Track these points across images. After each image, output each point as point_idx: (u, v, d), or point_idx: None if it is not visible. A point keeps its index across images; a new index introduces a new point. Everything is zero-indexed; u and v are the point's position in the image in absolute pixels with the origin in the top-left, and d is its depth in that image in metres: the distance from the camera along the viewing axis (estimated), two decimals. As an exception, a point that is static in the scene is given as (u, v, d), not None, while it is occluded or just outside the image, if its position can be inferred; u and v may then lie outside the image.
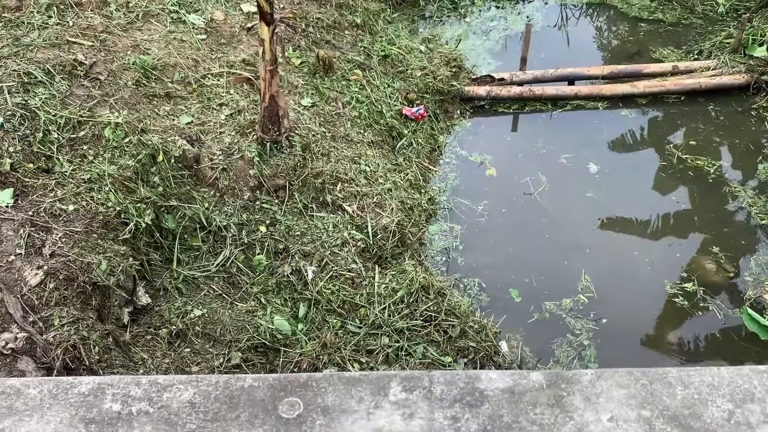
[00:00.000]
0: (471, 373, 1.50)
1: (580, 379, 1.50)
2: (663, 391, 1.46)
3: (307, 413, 1.43)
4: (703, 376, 1.51)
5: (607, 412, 1.42)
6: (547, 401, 1.44)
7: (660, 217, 5.82)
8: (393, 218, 5.20)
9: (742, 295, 5.17)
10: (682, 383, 1.49)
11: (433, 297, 4.80)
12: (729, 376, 1.51)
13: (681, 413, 1.42)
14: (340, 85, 6.12)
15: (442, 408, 1.43)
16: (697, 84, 7.11)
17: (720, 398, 1.46)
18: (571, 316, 5.05)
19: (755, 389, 1.47)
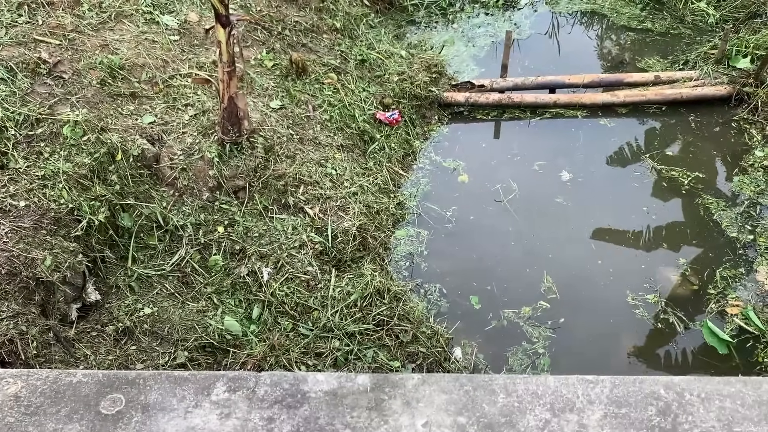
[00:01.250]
0: (299, 375, 1.49)
1: (405, 384, 1.49)
2: (485, 398, 1.45)
3: (126, 410, 1.44)
4: (528, 384, 1.49)
5: (423, 417, 1.41)
6: (367, 404, 1.43)
7: (628, 227, 5.76)
8: (355, 222, 5.20)
9: (704, 308, 5.10)
10: (505, 391, 1.48)
11: (388, 301, 4.79)
12: (554, 385, 1.49)
13: (497, 421, 1.41)
14: (313, 89, 6.15)
15: (261, 409, 1.43)
16: (678, 94, 7.05)
17: (540, 407, 1.44)
18: (529, 324, 5.02)
19: (577, 399, 1.45)
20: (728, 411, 1.43)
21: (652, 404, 1.45)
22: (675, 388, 1.49)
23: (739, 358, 4.77)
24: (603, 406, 1.44)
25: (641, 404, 1.45)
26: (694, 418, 1.42)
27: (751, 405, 1.44)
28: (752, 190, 6.05)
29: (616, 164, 6.45)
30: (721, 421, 1.41)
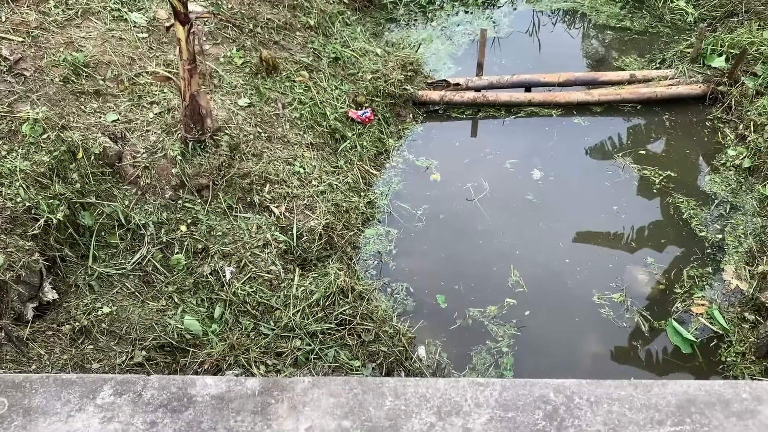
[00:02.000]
0: (188, 379, 1.48)
1: (294, 387, 1.47)
2: (373, 402, 1.43)
3: (8, 414, 1.42)
4: (418, 387, 1.47)
5: (308, 421, 1.39)
6: (253, 408, 1.42)
7: (598, 226, 5.75)
8: (321, 221, 5.17)
9: (670, 307, 5.09)
10: (395, 394, 1.46)
11: (352, 301, 4.77)
12: (444, 388, 1.47)
13: (381, 425, 1.39)
14: (284, 86, 6.12)
15: (145, 413, 1.41)
16: (653, 93, 7.05)
17: (427, 410, 1.43)
18: (494, 323, 5.01)
19: (465, 402, 1.44)
20: (616, 415, 1.41)
21: (540, 408, 1.44)
22: (565, 392, 1.47)
23: (702, 358, 4.77)
24: (490, 410, 1.43)
25: (529, 408, 1.43)
26: (581, 422, 1.41)
27: (639, 409, 1.43)
28: (723, 189, 6.05)
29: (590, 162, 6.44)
30: (608, 425, 1.39)
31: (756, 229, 5.57)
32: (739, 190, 6.02)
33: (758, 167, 6.11)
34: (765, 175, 5.99)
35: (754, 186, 5.97)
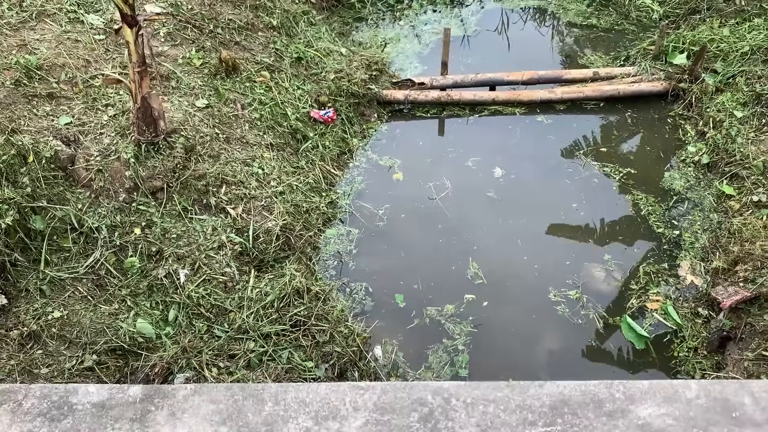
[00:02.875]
0: (70, 387, 1.48)
1: (176, 394, 1.48)
2: (252, 408, 1.44)
3: None
4: (299, 392, 1.48)
5: (185, 427, 1.40)
6: (133, 416, 1.42)
7: (557, 223, 5.79)
8: (278, 221, 5.17)
9: (625, 303, 5.14)
10: (275, 399, 1.47)
11: (308, 301, 4.77)
12: (325, 393, 1.48)
13: (258, 430, 1.40)
14: (244, 87, 6.10)
15: (23, 422, 1.41)
16: (615, 90, 7.10)
17: (305, 415, 1.44)
18: (451, 321, 5.03)
19: (344, 406, 1.45)
20: (490, 416, 1.43)
21: (416, 410, 1.45)
22: (443, 394, 1.49)
23: (655, 353, 4.82)
24: (367, 413, 1.44)
25: (406, 411, 1.45)
26: (454, 424, 1.42)
27: (513, 410, 1.45)
28: (682, 186, 6.11)
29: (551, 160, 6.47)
30: (480, 426, 1.41)
31: (712, 225, 5.62)
32: (697, 186, 6.08)
33: (716, 163, 6.18)
34: (722, 171, 6.06)
35: (712, 182, 6.03)
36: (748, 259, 4.89)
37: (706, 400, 1.45)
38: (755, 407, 1.42)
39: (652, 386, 1.51)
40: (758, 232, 5.13)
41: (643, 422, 1.40)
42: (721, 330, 4.68)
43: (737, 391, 1.50)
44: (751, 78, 6.58)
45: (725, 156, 6.12)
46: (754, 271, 4.78)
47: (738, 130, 6.20)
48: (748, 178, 5.78)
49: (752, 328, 4.52)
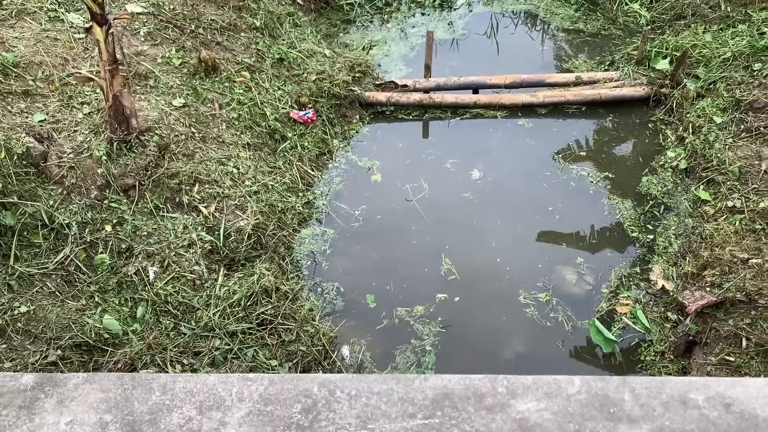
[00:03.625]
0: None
1: (67, 383, 1.50)
2: (140, 397, 1.46)
3: None
4: (188, 383, 1.50)
5: (71, 415, 1.42)
6: (21, 403, 1.45)
7: (532, 226, 5.80)
8: (251, 221, 5.20)
9: (595, 307, 5.14)
10: (163, 389, 1.49)
11: (276, 300, 4.80)
12: (213, 384, 1.50)
13: (142, 419, 1.42)
14: (223, 87, 6.14)
15: None
16: (597, 95, 7.11)
17: (189, 405, 1.46)
18: (420, 322, 5.04)
19: (230, 397, 1.47)
20: (371, 408, 1.44)
21: (300, 402, 1.47)
22: (329, 386, 1.51)
23: (622, 357, 4.82)
24: (252, 404, 1.46)
25: (289, 402, 1.46)
26: (335, 416, 1.44)
27: (395, 402, 1.46)
28: (659, 191, 6.11)
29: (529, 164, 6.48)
30: (360, 418, 1.42)
31: (687, 230, 5.62)
32: (674, 192, 6.08)
33: (694, 168, 6.18)
34: (700, 176, 6.05)
35: (689, 187, 6.03)
36: (717, 264, 4.89)
37: (587, 395, 1.46)
38: (634, 403, 1.42)
39: (537, 381, 1.52)
40: (729, 238, 5.13)
41: (521, 417, 1.41)
42: (687, 334, 4.68)
43: (619, 387, 1.51)
44: (732, 84, 6.58)
45: (702, 161, 6.12)
46: (722, 276, 4.78)
47: (716, 135, 6.20)
48: (724, 183, 5.78)
49: (717, 333, 4.52)
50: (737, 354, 4.33)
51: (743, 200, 5.53)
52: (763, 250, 4.90)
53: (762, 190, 5.55)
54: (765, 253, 4.83)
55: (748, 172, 5.75)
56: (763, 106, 6.26)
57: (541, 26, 8.73)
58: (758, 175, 5.70)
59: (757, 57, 6.75)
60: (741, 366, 4.27)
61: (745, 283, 4.60)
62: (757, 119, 6.18)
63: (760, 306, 4.40)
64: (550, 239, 5.65)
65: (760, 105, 6.27)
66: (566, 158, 6.49)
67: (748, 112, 6.27)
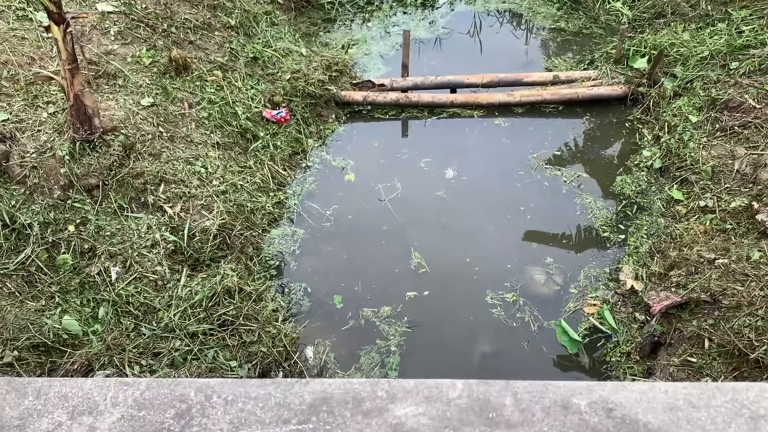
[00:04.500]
0: None
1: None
2: (12, 401, 1.42)
3: None
4: (63, 387, 1.47)
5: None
6: None
7: (503, 226, 5.76)
8: (216, 220, 5.17)
9: (563, 307, 5.10)
10: (36, 393, 1.45)
11: (238, 301, 4.77)
12: (89, 388, 1.47)
13: (10, 424, 1.39)
14: (194, 86, 6.11)
15: None
16: (574, 94, 7.07)
17: (62, 410, 1.42)
18: (386, 323, 5.01)
19: (104, 401, 1.43)
20: (246, 413, 1.41)
21: (174, 407, 1.44)
22: (206, 391, 1.47)
23: (588, 358, 4.78)
24: (125, 409, 1.43)
25: (164, 407, 1.43)
26: (208, 421, 1.41)
27: (271, 407, 1.43)
28: (632, 190, 6.07)
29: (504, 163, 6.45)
30: (233, 424, 1.39)
31: (659, 230, 5.58)
32: (648, 191, 6.04)
33: (668, 168, 6.14)
34: (674, 175, 6.01)
35: (663, 187, 5.99)
36: (683, 265, 4.85)
37: (468, 400, 1.42)
38: (515, 408, 1.39)
39: (419, 385, 1.49)
40: (698, 238, 5.09)
41: (397, 422, 1.38)
42: (652, 335, 4.65)
43: (501, 391, 1.47)
44: (708, 83, 6.54)
45: (677, 161, 6.08)
46: (687, 277, 4.74)
47: (691, 134, 6.16)
48: (697, 183, 5.75)
49: (681, 333, 4.48)
50: (699, 355, 4.29)
51: (715, 200, 5.49)
52: (730, 249, 4.86)
53: (734, 190, 5.51)
54: (732, 253, 4.79)
55: (721, 171, 5.71)
56: (737, 105, 6.22)
57: (523, 25, 8.69)
58: (731, 174, 5.66)
59: (734, 56, 6.71)
60: (703, 367, 4.23)
61: (710, 283, 4.56)
62: (731, 118, 6.14)
63: (723, 306, 4.36)
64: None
65: (735, 104, 6.23)
66: (541, 158, 6.45)
67: (723, 111, 6.23)
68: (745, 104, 6.17)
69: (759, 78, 6.36)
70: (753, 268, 4.55)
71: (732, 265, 4.67)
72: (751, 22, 7.12)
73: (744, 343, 4.06)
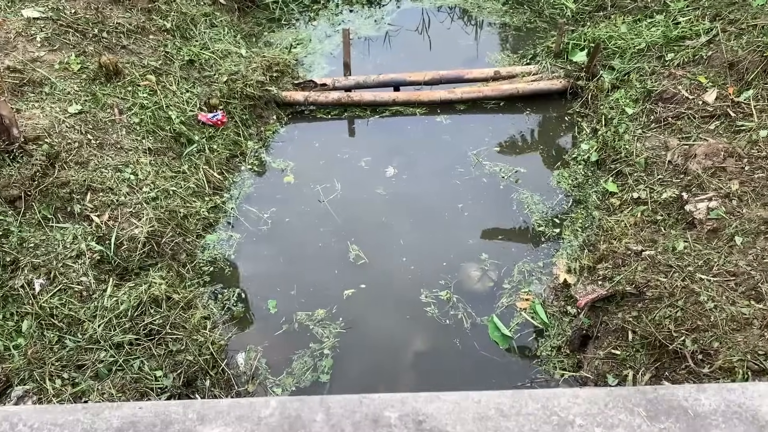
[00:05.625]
0: None
1: None
2: None
3: None
4: None
5: None
6: None
7: (440, 224, 5.76)
8: (145, 228, 5.09)
9: (496, 303, 5.12)
10: None
11: (165, 310, 4.70)
12: None
13: None
14: (126, 91, 6.01)
15: None
16: (515, 89, 7.09)
17: None
18: (320, 326, 4.98)
19: None
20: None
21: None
22: (12, 419, 1.43)
23: (520, 353, 4.80)
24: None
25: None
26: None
27: None
28: (569, 184, 6.11)
29: (444, 160, 6.45)
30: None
31: (593, 223, 5.62)
32: (584, 185, 6.08)
33: (604, 161, 6.18)
34: (609, 168, 6.06)
35: (600, 180, 6.04)
36: (611, 257, 4.89)
37: (279, 417, 1.40)
38: (324, 424, 1.37)
39: (232, 405, 1.47)
40: (627, 230, 5.14)
41: (200, 443, 1.36)
42: (580, 329, 4.68)
43: (314, 407, 1.45)
44: (644, 75, 6.59)
45: (612, 153, 6.13)
46: (614, 269, 4.78)
47: (627, 126, 6.21)
48: (630, 175, 5.79)
49: (607, 326, 4.52)
50: (623, 347, 4.33)
51: (648, 191, 5.54)
52: (658, 241, 4.91)
53: (666, 181, 5.57)
54: (659, 245, 4.84)
55: (655, 163, 5.76)
56: (671, 96, 6.29)
57: (469, 21, 8.70)
58: (664, 165, 5.71)
59: (670, 47, 6.78)
60: (626, 359, 4.27)
61: (636, 275, 4.60)
62: (665, 109, 6.21)
63: (647, 298, 4.41)
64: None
65: (669, 95, 6.30)
66: (480, 154, 6.46)
67: (658, 103, 6.29)
68: (679, 95, 6.24)
69: (692, 69, 6.44)
70: (677, 259, 4.60)
71: (658, 256, 4.72)
72: (687, 13, 7.20)
73: (664, 335, 4.11)
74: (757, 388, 2.10)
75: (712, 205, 4.94)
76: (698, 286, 4.26)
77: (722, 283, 4.26)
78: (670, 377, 4.02)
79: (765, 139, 5.38)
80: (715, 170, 5.31)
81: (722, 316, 4.01)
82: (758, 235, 4.54)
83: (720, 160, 5.39)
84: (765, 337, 3.83)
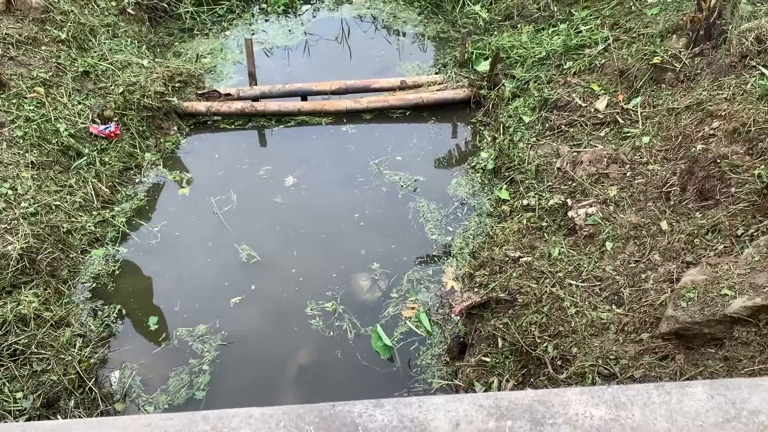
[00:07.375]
0: None
1: None
2: None
3: None
4: None
5: None
6: None
7: (335, 234, 5.72)
8: (18, 244, 4.92)
9: (381, 313, 5.09)
10: None
11: (33, 329, 4.54)
12: None
13: None
14: (10, 104, 5.83)
15: None
16: (419, 99, 7.11)
17: None
18: (200, 341, 4.88)
19: None
20: None
21: None
22: None
23: (401, 362, 4.78)
24: None
25: None
26: None
27: None
28: (466, 192, 6.14)
29: (345, 170, 6.41)
30: None
31: (484, 230, 5.65)
32: (480, 192, 6.12)
33: (500, 168, 6.23)
34: (504, 175, 6.11)
35: (494, 187, 6.08)
36: (489, 264, 4.91)
37: None
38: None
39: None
40: (510, 237, 5.17)
41: None
42: (458, 336, 4.68)
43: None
44: (541, 83, 6.69)
45: (507, 161, 6.18)
46: (490, 276, 4.80)
47: (522, 134, 6.28)
48: (522, 182, 5.85)
49: (480, 333, 4.53)
50: (494, 354, 4.34)
51: (537, 198, 5.60)
52: (537, 247, 4.95)
53: (555, 188, 5.63)
54: (537, 251, 4.88)
55: (545, 170, 5.83)
56: (565, 103, 6.39)
57: (385, 31, 8.72)
58: (554, 173, 5.78)
59: (570, 55, 6.89)
60: (495, 366, 4.28)
61: (510, 282, 4.62)
62: (560, 117, 6.29)
63: (517, 305, 4.43)
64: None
65: (563, 103, 6.40)
66: (382, 164, 6.46)
67: (553, 111, 6.38)
68: (572, 103, 6.34)
69: (587, 76, 6.56)
70: (551, 265, 4.65)
71: (534, 262, 4.76)
72: (589, 22, 7.34)
73: (528, 341, 4.13)
74: (433, 402, 2.14)
75: (591, 210, 5.01)
76: (564, 292, 4.30)
77: (588, 288, 4.32)
78: (534, 383, 4.05)
79: (647, 145, 5.49)
80: (598, 176, 5.40)
81: (582, 322, 4.05)
82: (628, 240, 4.61)
83: (603, 167, 5.48)
84: (620, 341, 3.88)
